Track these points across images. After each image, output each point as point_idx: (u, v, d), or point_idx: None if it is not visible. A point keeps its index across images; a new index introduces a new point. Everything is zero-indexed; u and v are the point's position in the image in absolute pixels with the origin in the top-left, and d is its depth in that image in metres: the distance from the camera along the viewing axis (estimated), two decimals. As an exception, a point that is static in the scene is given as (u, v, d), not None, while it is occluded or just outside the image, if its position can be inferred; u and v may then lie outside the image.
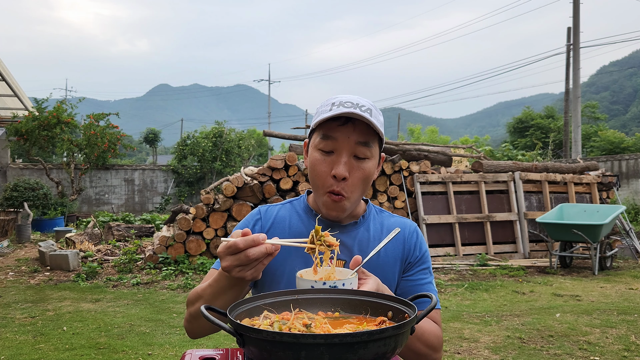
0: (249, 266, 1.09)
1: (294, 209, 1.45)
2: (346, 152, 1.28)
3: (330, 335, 0.85)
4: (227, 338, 4.22)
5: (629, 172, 15.27)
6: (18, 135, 14.16)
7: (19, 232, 10.65)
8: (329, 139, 1.28)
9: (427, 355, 1.32)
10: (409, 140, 26.10)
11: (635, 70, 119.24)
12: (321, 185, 1.31)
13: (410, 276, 1.40)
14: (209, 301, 1.20)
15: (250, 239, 1.08)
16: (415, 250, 1.41)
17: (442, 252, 8.40)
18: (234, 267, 1.09)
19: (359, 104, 1.28)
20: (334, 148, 1.29)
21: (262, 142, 32.67)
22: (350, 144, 1.27)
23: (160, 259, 7.40)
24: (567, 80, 21.84)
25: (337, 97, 1.32)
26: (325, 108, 1.30)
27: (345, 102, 1.28)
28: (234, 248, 1.08)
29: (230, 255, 1.09)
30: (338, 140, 1.28)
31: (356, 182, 1.30)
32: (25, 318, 5.07)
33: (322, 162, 1.30)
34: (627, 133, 31.51)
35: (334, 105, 1.28)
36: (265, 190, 7.65)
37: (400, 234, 1.41)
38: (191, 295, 1.29)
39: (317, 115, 1.33)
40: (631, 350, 4.08)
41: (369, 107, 1.28)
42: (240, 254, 1.08)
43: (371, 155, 1.31)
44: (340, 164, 1.27)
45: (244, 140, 20.74)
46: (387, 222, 1.44)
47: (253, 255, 1.08)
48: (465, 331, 4.61)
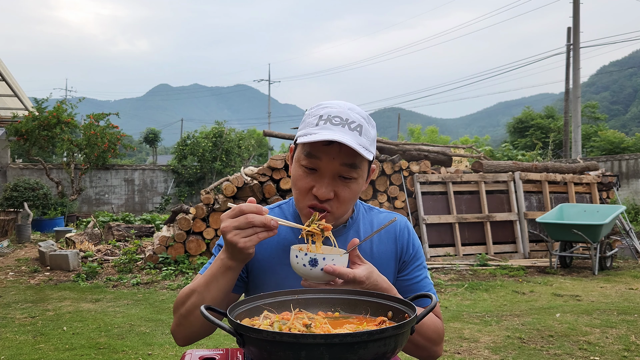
0: (246, 231, 1.12)
1: (283, 213, 1.41)
2: (330, 173, 1.22)
3: (330, 335, 0.85)
4: (227, 338, 4.22)
5: (629, 172, 15.27)
6: (18, 135, 14.15)
7: (19, 232, 10.64)
8: (312, 157, 1.22)
9: (426, 348, 1.32)
10: (409, 140, 26.10)
11: (635, 70, 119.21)
12: (302, 200, 1.28)
13: (406, 275, 1.39)
14: (202, 292, 1.20)
15: (253, 206, 1.14)
16: (408, 247, 1.40)
17: (442, 252, 8.40)
18: (232, 229, 1.12)
19: (348, 119, 1.20)
20: (318, 167, 1.23)
21: (262, 142, 32.65)
22: (335, 165, 1.21)
23: (160, 259, 7.40)
24: (567, 80, 21.84)
25: (326, 107, 1.24)
26: (312, 120, 1.23)
27: (334, 117, 1.20)
28: (237, 211, 1.14)
29: (231, 218, 1.14)
30: (322, 160, 1.21)
31: (342, 201, 1.26)
32: (25, 318, 5.07)
33: (304, 179, 1.25)
34: (627, 133, 31.49)
35: (321, 120, 1.21)
36: (265, 190, 7.65)
37: (391, 230, 1.39)
38: (180, 296, 1.27)
39: (304, 124, 1.26)
40: (631, 350, 4.07)
41: (359, 124, 1.21)
42: (240, 217, 1.13)
43: (358, 175, 1.25)
44: (323, 185, 1.22)
45: (244, 140, 20.73)
46: (377, 219, 1.43)
47: (252, 219, 1.12)
48: (465, 331, 4.61)
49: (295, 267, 1.18)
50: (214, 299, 1.19)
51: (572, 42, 20.24)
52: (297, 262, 1.16)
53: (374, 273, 1.19)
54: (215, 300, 1.19)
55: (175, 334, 1.30)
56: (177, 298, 1.29)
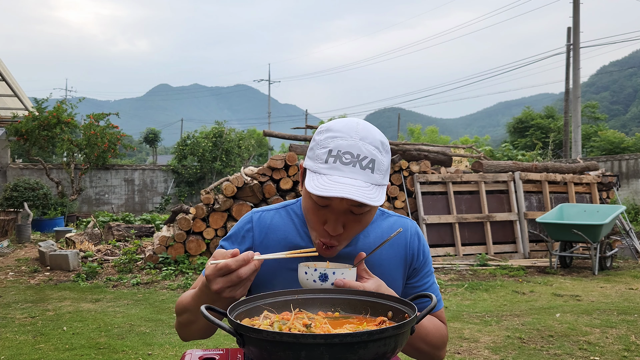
0: (240, 285, 1.08)
1: (289, 216, 1.37)
2: (340, 212, 1.18)
3: (330, 335, 0.85)
4: (227, 338, 4.22)
5: (629, 172, 15.27)
6: (18, 135, 14.16)
7: (19, 232, 10.65)
8: (323, 198, 1.16)
9: (429, 353, 1.32)
10: (409, 140, 26.09)
11: (635, 70, 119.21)
12: (314, 232, 1.26)
13: (416, 282, 1.38)
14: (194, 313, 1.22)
15: (241, 259, 1.06)
16: (419, 254, 1.38)
17: (442, 252, 8.40)
18: (226, 289, 1.07)
19: (359, 155, 1.13)
20: (328, 204, 1.18)
21: (262, 142, 32.67)
22: (345, 205, 1.16)
23: (160, 259, 7.40)
24: (567, 80, 21.85)
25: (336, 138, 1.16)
26: (321, 153, 1.15)
27: (344, 154, 1.13)
28: (225, 269, 1.06)
29: (221, 277, 1.07)
30: (332, 201, 1.16)
31: (352, 233, 1.23)
32: (25, 318, 5.07)
33: (315, 214, 1.22)
34: (627, 133, 31.51)
35: (330, 156, 1.14)
36: (265, 190, 7.65)
37: (402, 236, 1.37)
38: (179, 304, 1.29)
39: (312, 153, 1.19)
40: (631, 350, 4.07)
41: (371, 159, 1.14)
42: (232, 275, 1.06)
43: (369, 208, 1.19)
44: (334, 222, 1.19)
45: (244, 140, 20.73)
46: (386, 223, 1.40)
47: (245, 274, 1.06)
48: (465, 331, 4.61)
49: (304, 284, 1.19)
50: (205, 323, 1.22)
51: (572, 42, 20.25)
52: (306, 278, 1.18)
53: (382, 286, 1.20)
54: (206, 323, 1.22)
55: (177, 332, 1.36)
56: (177, 303, 1.31)
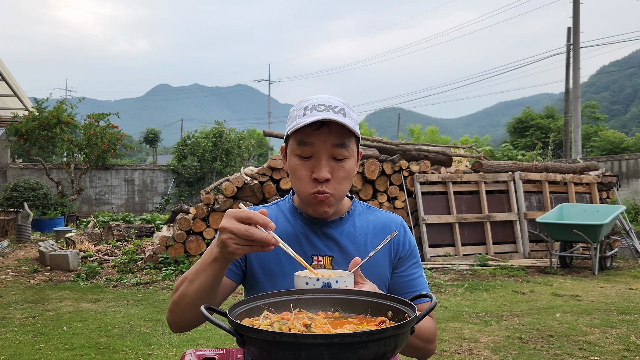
0: (241, 240, 1.09)
1: (280, 209, 1.47)
2: (324, 155, 1.31)
3: (330, 335, 0.85)
4: (227, 338, 4.22)
5: (629, 172, 15.27)
6: (18, 135, 14.16)
7: (19, 232, 10.65)
8: (305, 144, 1.30)
9: (421, 348, 1.37)
10: (409, 140, 26.11)
11: (635, 70, 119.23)
12: (303, 188, 1.34)
13: (403, 272, 1.43)
14: (192, 280, 1.22)
15: (261, 218, 1.09)
16: (404, 244, 1.44)
17: (442, 252, 8.40)
18: (229, 232, 1.09)
19: (331, 105, 1.30)
20: (312, 153, 1.31)
21: (262, 142, 32.66)
22: (327, 147, 1.30)
23: (160, 259, 7.40)
24: (567, 80, 21.85)
25: (309, 99, 1.34)
26: (299, 113, 1.32)
27: (318, 105, 1.30)
28: (244, 217, 1.09)
29: (235, 220, 1.09)
30: (315, 145, 1.30)
31: (339, 180, 1.33)
32: (25, 318, 5.07)
33: (302, 167, 1.33)
34: (627, 133, 31.48)
35: (306, 110, 1.30)
36: (265, 190, 7.65)
37: (387, 228, 1.44)
38: (176, 283, 1.30)
39: (290, 120, 1.35)
40: (631, 350, 4.07)
41: (341, 108, 1.31)
42: (243, 225, 1.08)
43: (349, 154, 1.33)
44: (321, 167, 1.30)
45: (244, 140, 20.74)
46: (374, 217, 1.47)
47: (252, 234, 1.08)
48: (465, 331, 4.61)
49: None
50: (202, 286, 1.21)
51: (572, 42, 20.25)
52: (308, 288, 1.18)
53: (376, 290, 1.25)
54: (203, 289, 1.21)
55: (169, 321, 1.33)
56: (174, 286, 1.33)
